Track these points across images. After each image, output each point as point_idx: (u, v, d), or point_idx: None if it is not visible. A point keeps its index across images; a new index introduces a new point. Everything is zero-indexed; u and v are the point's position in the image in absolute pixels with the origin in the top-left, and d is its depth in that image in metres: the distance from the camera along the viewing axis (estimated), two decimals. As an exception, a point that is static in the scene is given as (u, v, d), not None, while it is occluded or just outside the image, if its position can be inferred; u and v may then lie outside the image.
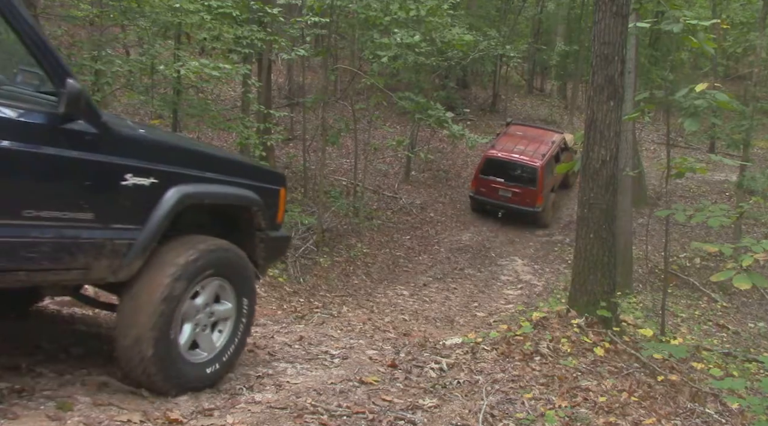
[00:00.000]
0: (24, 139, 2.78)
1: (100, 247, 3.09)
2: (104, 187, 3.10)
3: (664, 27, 5.53)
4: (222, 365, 3.57)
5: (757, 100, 14.48)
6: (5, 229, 2.76)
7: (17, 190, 2.81)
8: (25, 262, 2.86)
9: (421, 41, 11.82)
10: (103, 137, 3.06)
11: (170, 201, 3.29)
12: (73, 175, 2.99)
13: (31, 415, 2.76)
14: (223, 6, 9.76)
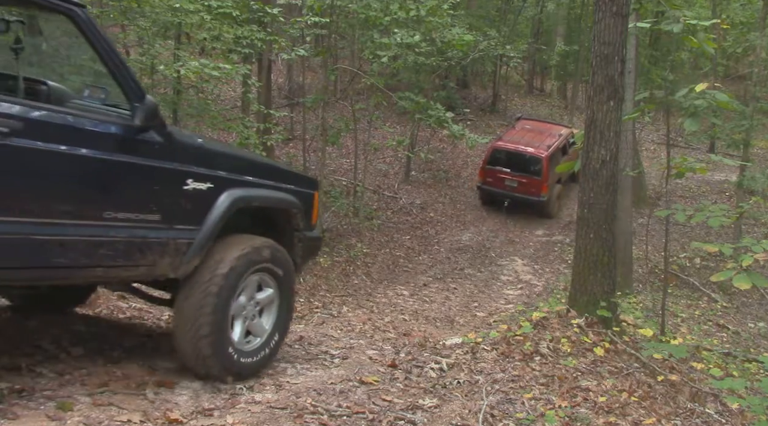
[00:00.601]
0: (104, 147, 3.11)
1: (165, 246, 3.39)
2: (169, 192, 3.41)
3: (664, 27, 5.53)
4: (271, 349, 3.92)
5: (757, 100, 14.47)
6: (89, 230, 3.08)
7: (99, 194, 3.16)
8: (103, 260, 3.17)
9: (421, 41, 11.82)
10: (169, 146, 3.40)
11: (224, 204, 3.60)
12: (144, 180, 3.32)
13: (31, 415, 2.76)
14: (223, 6, 9.76)
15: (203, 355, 3.49)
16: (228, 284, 3.54)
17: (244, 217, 3.83)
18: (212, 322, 3.48)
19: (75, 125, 3.03)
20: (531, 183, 14.45)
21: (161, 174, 3.37)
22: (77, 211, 3.06)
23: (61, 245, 2.99)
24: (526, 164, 14.59)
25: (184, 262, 3.47)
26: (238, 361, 3.65)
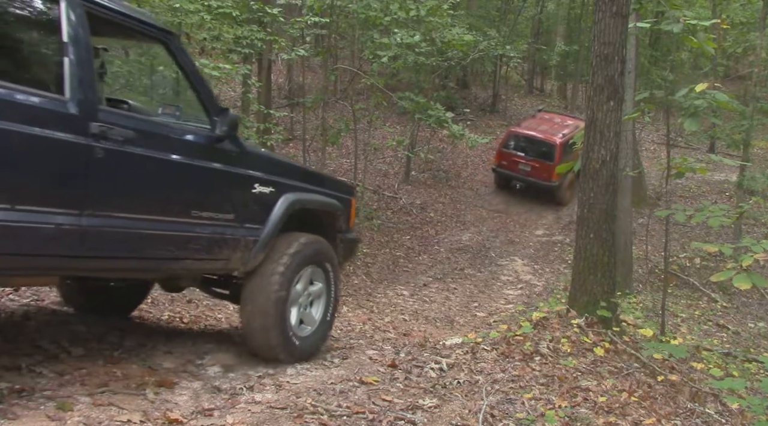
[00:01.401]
0: (193, 155, 3.61)
1: (238, 242, 3.85)
2: (241, 194, 3.89)
3: (664, 27, 5.53)
4: (320, 337, 4.42)
5: (757, 100, 14.47)
6: (180, 226, 3.53)
7: (188, 195, 3.63)
8: (191, 253, 3.63)
9: (421, 41, 11.82)
10: (241, 154, 3.88)
11: (283, 206, 4.08)
12: (222, 184, 3.80)
13: (31, 415, 2.76)
14: (223, 6, 9.76)
15: (272, 342, 3.96)
16: (288, 277, 4.01)
17: (295, 218, 4.22)
18: (277, 312, 3.94)
19: (172, 136, 3.53)
20: (543, 168, 14.92)
21: (235, 178, 3.85)
22: (174, 209, 3.53)
23: (161, 239, 3.44)
24: (540, 149, 15.16)
25: (251, 257, 3.93)
26: (299, 346, 4.13)
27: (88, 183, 3.08)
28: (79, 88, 3.03)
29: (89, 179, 3.08)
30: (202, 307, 6.31)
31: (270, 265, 3.97)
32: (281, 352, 4.02)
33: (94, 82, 3.16)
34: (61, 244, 3.00)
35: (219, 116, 3.73)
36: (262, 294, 3.93)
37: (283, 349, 4.01)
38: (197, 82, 3.78)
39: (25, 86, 2.85)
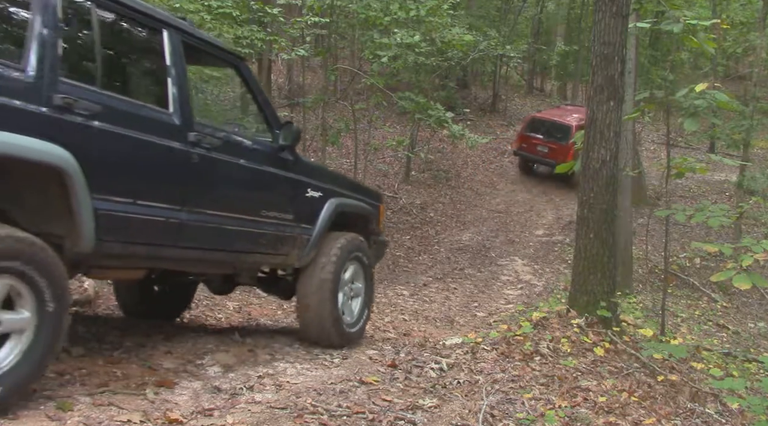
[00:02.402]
0: (262, 162, 4.17)
1: (295, 240, 4.40)
2: (298, 197, 4.46)
3: (664, 27, 5.53)
4: (360, 328, 4.96)
5: (757, 100, 14.47)
6: (253, 224, 4.10)
7: (258, 197, 4.19)
8: (260, 247, 4.20)
9: (421, 41, 11.81)
10: (297, 163, 4.47)
11: (330, 209, 4.65)
12: (284, 188, 4.37)
13: (31, 415, 2.75)
14: (223, 6, 9.76)
15: (327, 329, 4.53)
16: (337, 269, 4.57)
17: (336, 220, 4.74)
18: (330, 302, 4.50)
19: (246, 145, 4.12)
20: (559, 149, 15.81)
21: (294, 184, 4.43)
22: (248, 208, 4.09)
23: (239, 234, 4.00)
24: (556, 132, 16.16)
25: (305, 253, 4.50)
26: (348, 332, 4.71)
27: (186, 182, 3.65)
28: (180, 104, 3.63)
29: (187, 179, 3.65)
30: (202, 307, 6.31)
31: (323, 259, 4.55)
32: (334, 335, 4.57)
33: (189, 98, 3.76)
34: (166, 234, 3.53)
35: (281, 129, 4.32)
36: (317, 286, 4.49)
37: (336, 332, 4.57)
38: (262, 100, 4.41)
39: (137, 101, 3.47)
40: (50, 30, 2.95)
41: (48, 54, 2.94)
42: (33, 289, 2.80)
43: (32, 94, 2.87)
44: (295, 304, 4.74)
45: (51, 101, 2.93)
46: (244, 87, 4.47)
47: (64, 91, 2.99)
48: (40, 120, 2.89)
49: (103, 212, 3.14)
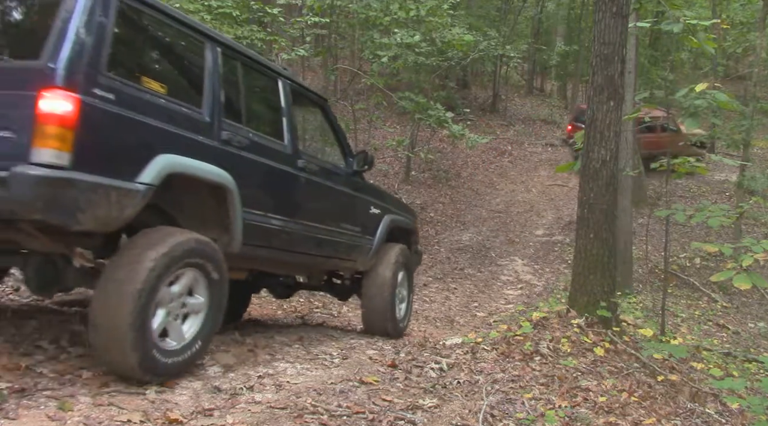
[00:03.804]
0: (342, 184, 5.14)
1: (362, 248, 5.34)
2: (364, 213, 5.42)
3: (664, 27, 5.53)
4: (406, 323, 6.01)
5: (757, 100, 14.47)
6: (335, 234, 4.96)
7: (339, 212, 5.10)
8: (339, 253, 5.08)
9: (421, 41, 11.82)
10: (364, 184, 5.51)
11: (386, 223, 5.66)
12: (355, 205, 5.32)
13: (31, 415, 2.76)
14: (223, 6, 9.76)
15: (388, 324, 5.46)
16: (395, 275, 5.52)
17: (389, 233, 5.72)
18: (390, 302, 5.46)
19: (331, 169, 5.06)
20: None
21: (362, 202, 5.40)
22: (332, 221, 4.96)
23: (326, 242, 4.86)
24: None
25: (368, 260, 5.44)
26: (400, 327, 5.70)
27: (294, 199, 4.54)
28: (291, 136, 4.56)
29: (295, 197, 4.56)
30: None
31: (382, 265, 5.50)
32: (392, 329, 5.48)
33: (298, 132, 4.73)
34: (280, 240, 4.37)
35: (354, 157, 5.33)
36: (379, 288, 5.43)
37: (393, 327, 5.51)
38: (340, 133, 5.43)
39: (266, 135, 4.36)
40: (217, 85, 3.90)
41: (216, 102, 3.87)
42: (207, 280, 3.58)
43: (208, 131, 3.77)
44: (360, 304, 5.66)
45: (219, 136, 3.84)
46: (326, 122, 5.40)
47: (226, 128, 3.91)
48: (212, 150, 3.76)
49: (248, 222, 3.98)
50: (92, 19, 3.16)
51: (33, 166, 2.92)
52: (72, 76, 3.02)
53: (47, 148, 2.95)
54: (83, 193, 3.06)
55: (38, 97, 2.95)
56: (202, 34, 3.96)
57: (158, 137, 3.42)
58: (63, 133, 2.97)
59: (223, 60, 4.02)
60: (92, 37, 3.14)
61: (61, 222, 3.07)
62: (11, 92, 3.04)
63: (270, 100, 4.66)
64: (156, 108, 3.44)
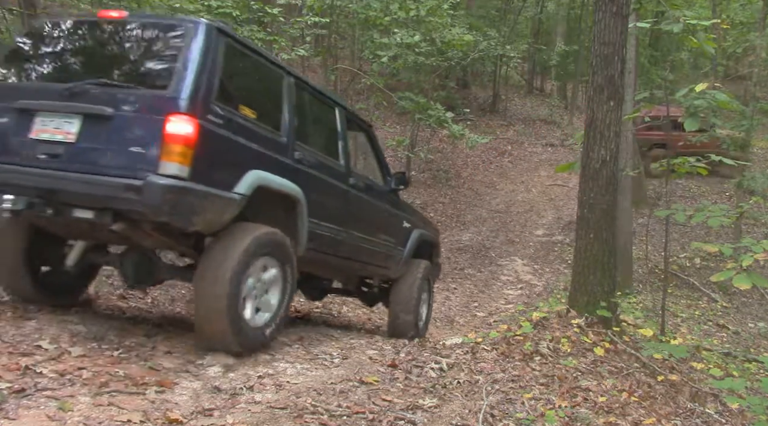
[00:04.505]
0: (382, 200, 5.82)
1: (395, 258, 5.97)
2: (398, 227, 6.08)
3: (664, 27, 5.54)
4: (425, 327, 6.49)
5: (757, 100, 14.45)
6: (375, 244, 5.60)
7: (379, 225, 5.74)
8: (376, 261, 5.75)
9: (421, 41, 11.82)
10: (399, 201, 6.19)
11: (415, 237, 6.29)
12: (392, 219, 5.98)
13: (31, 415, 2.76)
14: (223, 6, 9.75)
15: (411, 328, 5.93)
16: (420, 286, 6.11)
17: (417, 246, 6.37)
18: (416, 306, 6.04)
19: (374, 187, 5.73)
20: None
21: (396, 216, 6.06)
22: (373, 232, 5.57)
23: (367, 251, 5.51)
24: None
25: (399, 269, 6.06)
26: (421, 329, 6.27)
27: (345, 211, 5.15)
28: (344, 156, 5.26)
29: (346, 209, 5.17)
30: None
31: (410, 275, 6.11)
32: (414, 332, 5.92)
33: (350, 154, 5.48)
34: (332, 247, 5.01)
35: (392, 177, 6.02)
36: (407, 294, 6.01)
37: (415, 330, 5.98)
38: (381, 155, 6.14)
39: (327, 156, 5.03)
40: (291, 111, 4.58)
41: (291, 126, 4.53)
42: (281, 265, 4.27)
43: (284, 151, 4.42)
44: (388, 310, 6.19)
45: (293, 156, 4.49)
46: (370, 144, 6.14)
47: (297, 149, 4.55)
48: (287, 167, 4.40)
49: (311, 229, 4.60)
50: (207, 58, 3.85)
51: (161, 176, 3.54)
52: (192, 105, 3.68)
53: (172, 162, 3.58)
54: (198, 200, 3.72)
55: (166, 120, 3.60)
56: (281, 68, 4.69)
57: (250, 155, 4.09)
58: (185, 150, 3.61)
59: (296, 90, 4.72)
60: (207, 73, 3.82)
61: (180, 224, 3.75)
62: (144, 116, 3.69)
63: (329, 124, 5.33)
64: (249, 131, 4.11)
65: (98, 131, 3.73)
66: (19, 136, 3.88)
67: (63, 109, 3.82)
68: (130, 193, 3.56)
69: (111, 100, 3.76)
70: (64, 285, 4.77)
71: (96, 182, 3.63)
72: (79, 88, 3.83)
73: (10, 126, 3.94)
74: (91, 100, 3.79)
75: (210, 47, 3.88)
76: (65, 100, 3.82)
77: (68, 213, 3.78)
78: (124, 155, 3.67)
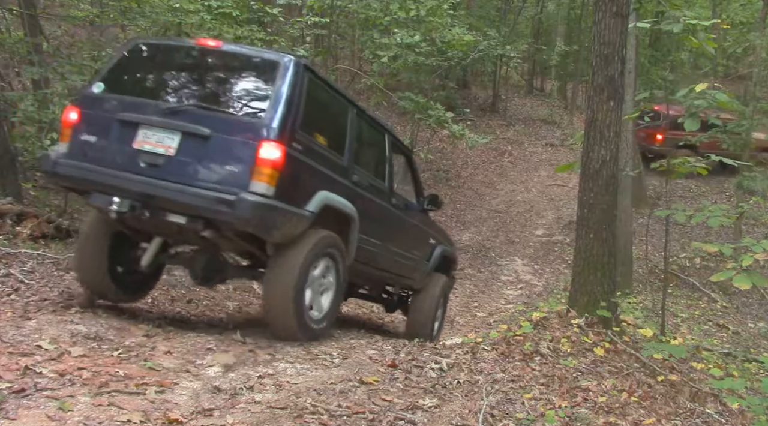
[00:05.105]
0: (415, 218, 6.42)
1: (420, 270, 6.56)
2: (425, 242, 6.70)
3: (664, 27, 5.53)
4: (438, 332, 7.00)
5: (757, 100, 14.45)
6: (404, 256, 6.17)
7: (411, 240, 6.35)
8: (406, 272, 6.35)
9: (421, 41, 11.82)
10: (428, 219, 6.87)
11: (438, 252, 6.89)
12: (421, 236, 6.60)
13: (31, 415, 2.76)
14: (223, 6, 9.76)
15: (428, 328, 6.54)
16: (438, 297, 6.76)
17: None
18: (433, 317, 6.65)
19: (411, 207, 6.33)
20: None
21: (425, 233, 6.68)
22: (406, 247, 6.18)
23: (400, 263, 6.14)
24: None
25: (422, 280, 6.64)
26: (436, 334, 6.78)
27: (387, 228, 5.75)
28: (390, 179, 5.83)
29: (387, 226, 5.78)
30: (202, 307, 6.31)
31: (432, 286, 6.71)
32: (429, 336, 6.41)
33: (393, 176, 5.93)
34: (373, 259, 5.58)
35: (424, 197, 6.59)
36: (429, 303, 6.61)
37: (430, 334, 6.50)
38: (417, 177, 6.75)
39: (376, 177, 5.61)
40: (352, 137, 5.15)
41: (351, 151, 5.09)
42: (335, 265, 4.83)
43: (346, 174, 4.97)
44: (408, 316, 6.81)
45: (351, 178, 5.04)
46: (408, 167, 6.68)
47: (355, 172, 5.10)
48: (346, 188, 4.94)
49: (359, 244, 5.13)
50: (294, 91, 4.36)
51: (251, 194, 4.09)
52: (281, 133, 4.21)
53: (261, 182, 4.13)
54: (279, 216, 4.25)
55: (259, 145, 4.14)
56: (347, 99, 5.26)
57: (320, 178, 4.63)
58: (272, 172, 4.15)
59: (357, 119, 5.27)
60: (294, 105, 4.35)
61: (264, 234, 4.36)
62: (238, 139, 4.20)
63: (378, 149, 5.86)
64: (320, 156, 4.66)
65: (195, 148, 4.24)
66: (123, 145, 4.37)
67: (165, 126, 4.32)
68: (223, 206, 4.09)
69: (208, 121, 4.27)
70: (137, 284, 5.23)
71: (192, 193, 4.16)
72: (181, 108, 4.40)
73: (114, 135, 4.43)
74: (190, 119, 4.31)
75: (297, 81, 4.40)
76: (167, 118, 4.35)
77: (163, 217, 4.33)
78: (218, 172, 4.19)
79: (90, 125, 4.51)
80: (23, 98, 7.69)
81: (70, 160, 4.47)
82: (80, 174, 4.44)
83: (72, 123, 4.53)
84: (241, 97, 4.64)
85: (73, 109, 4.59)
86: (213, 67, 4.87)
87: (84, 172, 4.42)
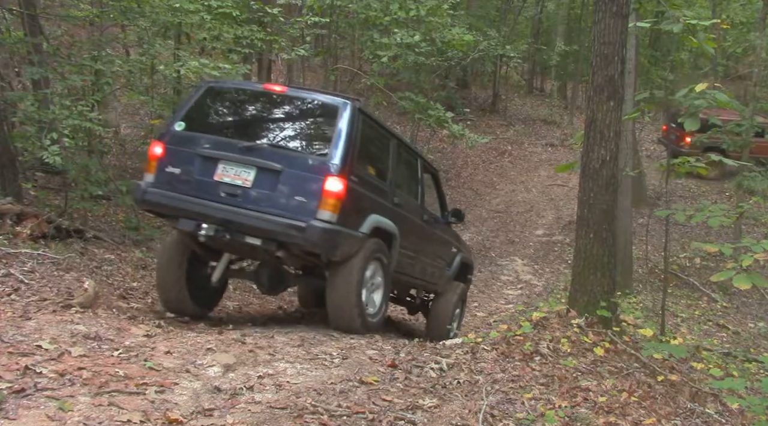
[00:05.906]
0: (441, 230, 7.11)
1: (443, 276, 7.19)
2: (449, 251, 7.39)
3: (664, 27, 5.53)
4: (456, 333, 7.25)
5: (757, 100, 14.44)
6: (432, 265, 6.85)
7: (437, 249, 7.02)
8: (433, 278, 6.99)
9: (421, 41, 11.82)
10: (451, 230, 7.58)
11: (458, 259, 7.58)
12: (445, 245, 7.28)
13: (31, 415, 2.76)
14: (223, 6, 9.77)
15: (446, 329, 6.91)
16: (456, 302, 7.28)
17: None
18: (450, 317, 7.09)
19: (437, 220, 7.04)
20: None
21: (448, 243, 7.38)
22: (433, 256, 6.87)
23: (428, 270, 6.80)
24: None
25: (444, 286, 7.23)
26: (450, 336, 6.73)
27: (419, 241, 6.45)
28: (421, 197, 6.55)
29: (420, 239, 6.47)
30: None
31: (451, 292, 7.26)
32: (446, 337, 6.33)
33: (424, 195, 6.67)
34: (409, 268, 6.27)
35: (448, 212, 7.30)
36: (447, 307, 7.14)
37: (447, 335, 6.72)
38: (442, 194, 7.53)
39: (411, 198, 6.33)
40: (394, 165, 5.92)
41: (393, 177, 5.85)
42: (383, 267, 5.53)
43: (387, 196, 5.66)
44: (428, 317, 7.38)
45: (393, 200, 5.72)
46: (435, 185, 7.40)
47: (396, 194, 5.80)
48: (389, 210, 5.63)
49: (399, 256, 5.82)
50: (352, 131, 5.09)
51: (319, 221, 4.82)
52: (343, 168, 4.93)
53: (327, 210, 4.85)
54: (341, 238, 4.97)
55: (325, 180, 4.87)
56: (390, 132, 6.05)
57: (370, 203, 5.34)
58: (336, 202, 4.87)
59: (397, 148, 5.99)
60: (352, 143, 5.06)
61: (328, 254, 5.05)
62: (307, 174, 4.94)
63: (412, 171, 6.57)
64: (371, 185, 5.39)
65: (269, 181, 4.96)
66: (205, 176, 5.06)
67: (243, 161, 5.04)
68: (295, 231, 4.83)
69: (279, 158, 5.00)
70: (208, 297, 5.92)
71: (268, 220, 4.88)
72: (256, 146, 5.11)
73: (196, 168, 5.11)
74: (264, 156, 5.02)
75: (354, 122, 5.12)
76: (244, 154, 5.05)
77: (241, 239, 5.02)
78: (289, 201, 4.90)
79: (174, 159, 5.16)
80: (23, 98, 7.69)
81: (157, 189, 5.13)
82: (169, 202, 5.13)
83: (157, 156, 5.19)
84: (306, 137, 5.46)
85: (158, 144, 5.25)
86: (279, 110, 5.59)
87: (172, 201, 5.10)
